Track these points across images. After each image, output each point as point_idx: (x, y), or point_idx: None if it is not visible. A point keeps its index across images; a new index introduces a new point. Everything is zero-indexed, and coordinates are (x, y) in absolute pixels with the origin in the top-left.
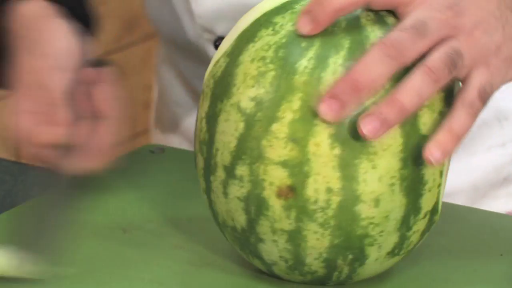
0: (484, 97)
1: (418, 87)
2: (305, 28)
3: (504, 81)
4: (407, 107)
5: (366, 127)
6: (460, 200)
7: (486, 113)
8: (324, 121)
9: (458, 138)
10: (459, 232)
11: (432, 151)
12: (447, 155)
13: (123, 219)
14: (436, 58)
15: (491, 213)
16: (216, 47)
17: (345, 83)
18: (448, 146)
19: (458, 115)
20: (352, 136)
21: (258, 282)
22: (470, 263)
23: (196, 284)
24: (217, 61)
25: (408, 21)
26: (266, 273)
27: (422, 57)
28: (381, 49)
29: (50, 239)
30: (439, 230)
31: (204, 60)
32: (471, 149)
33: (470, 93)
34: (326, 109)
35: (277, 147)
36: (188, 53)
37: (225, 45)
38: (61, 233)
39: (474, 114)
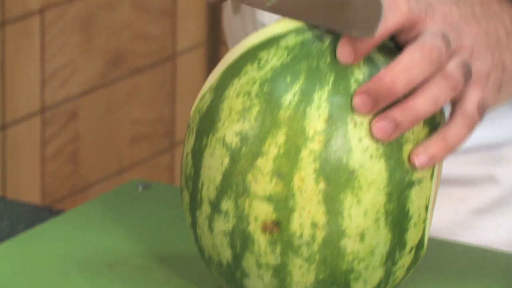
0: (482, 112)
1: (436, 94)
2: (345, 58)
3: (491, 107)
4: (422, 113)
5: (378, 130)
6: None
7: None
8: (309, 155)
9: (450, 148)
10: (445, 267)
11: (418, 153)
12: (434, 162)
13: (109, 255)
14: (454, 67)
15: (478, 248)
16: None
17: (382, 82)
18: (437, 153)
19: (456, 125)
20: (337, 171)
21: None
22: None
23: None
24: (203, 96)
25: (433, 31)
26: None
27: None
28: (422, 50)
29: None
30: (425, 265)
31: None
32: None
33: (470, 105)
34: (359, 104)
35: (262, 181)
36: None
37: (210, 80)
38: None
39: (471, 127)
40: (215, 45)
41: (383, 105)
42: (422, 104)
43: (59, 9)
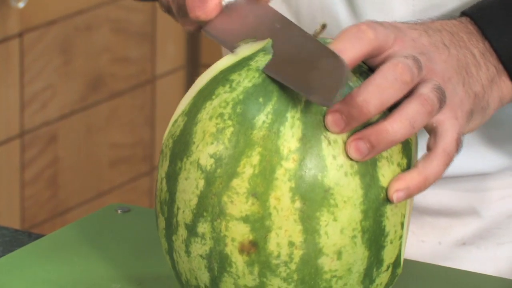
0: (460, 146)
1: (413, 118)
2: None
3: (464, 134)
4: (398, 137)
5: (353, 150)
6: None
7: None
8: (284, 175)
9: (428, 184)
10: None
11: (398, 189)
12: (410, 196)
13: (88, 278)
14: (429, 91)
15: (459, 271)
16: None
17: (355, 101)
18: (416, 189)
19: (437, 163)
20: (313, 189)
21: None
22: None
23: None
24: (175, 121)
25: (404, 54)
26: None
27: None
28: (394, 71)
29: None
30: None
31: None
32: (500, 240)
33: (450, 143)
34: (331, 122)
35: (238, 202)
36: None
37: (182, 105)
38: None
39: (450, 162)
40: (194, 69)
41: (354, 125)
42: (399, 128)
43: (38, 32)
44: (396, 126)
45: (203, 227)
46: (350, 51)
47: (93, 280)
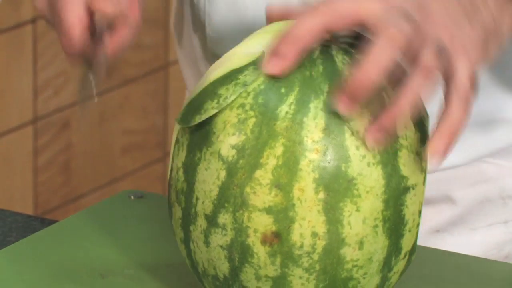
0: (475, 86)
1: (417, 90)
2: (275, 68)
3: (483, 65)
4: (409, 112)
5: (371, 141)
6: None
7: (489, 190)
8: (308, 165)
9: (458, 134)
10: (438, 276)
11: (437, 147)
12: (449, 151)
13: (101, 264)
14: (429, 57)
15: (470, 257)
16: None
17: (355, 77)
18: (450, 144)
19: (456, 110)
20: (336, 180)
21: None
22: None
23: None
24: None
25: (398, 15)
26: None
27: None
28: (386, 38)
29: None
30: (418, 274)
31: None
32: (472, 224)
33: (463, 85)
34: (341, 105)
35: (261, 193)
36: (197, 72)
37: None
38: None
39: (469, 106)
40: None
41: (361, 97)
42: (409, 106)
43: None
44: (405, 106)
45: (224, 218)
46: (301, 28)
47: (106, 266)
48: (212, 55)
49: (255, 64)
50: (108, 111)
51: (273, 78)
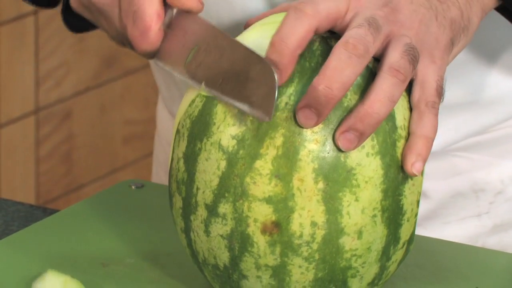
0: (441, 94)
1: (389, 92)
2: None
3: (450, 62)
4: (382, 116)
5: (343, 142)
6: None
7: (461, 183)
8: (307, 156)
9: (432, 141)
10: (435, 265)
11: (414, 162)
12: (425, 161)
13: (102, 253)
14: (398, 57)
15: (467, 246)
16: None
17: (318, 90)
18: (424, 152)
19: (428, 119)
20: (335, 170)
21: None
22: None
23: None
24: (193, 101)
25: (358, 20)
26: None
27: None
28: (346, 49)
29: None
30: (415, 263)
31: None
32: (445, 219)
33: (431, 94)
34: (303, 119)
35: (261, 183)
36: (173, 86)
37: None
38: None
39: (437, 113)
40: None
41: (326, 113)
42: (379, 107)
43: (53, 10)
44: (376, 107)
45: (224, 208)
46: (292, 36)
47: (107, 255)
48: None
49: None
50: (109, 101)
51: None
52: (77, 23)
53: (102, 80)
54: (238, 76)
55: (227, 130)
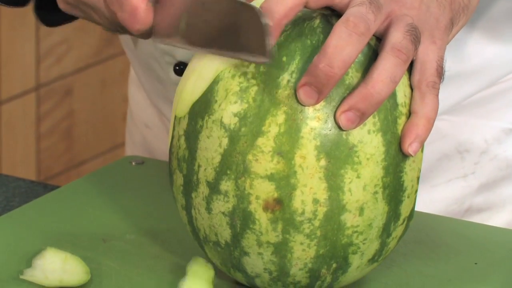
0: (441, 74)
1: (392, 72)
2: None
3: (449, 42)
4: (384, 96)
5: (344, 121)
6: None
7: (446, 146)
8: (309, 133)
9: (432, 122)
10: (434, 241)
11: (412, 143)
12: (423, 142)
13: (103, 229)
14: (400, 37)
15: (466, 222)
16: (176, 71)
17: (318, 69)
18: (424, 133)
19: (429, 99)
20: (337, 147)
21: None
22: (445, 272)
23: None
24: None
25: (357, 2)
26: (245, 285)
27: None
28: (347, 27)
29: None
30: (414, 239)
31: (167, 82)
32: (432, 182)
33: (431, 75)
34: (304, 97)
35: (263, 161)
36: (152, 74)
37: (196, 63)
38: None
39: (438, 93)
40: None
41: (327, 91)
42: (382, 87)
43: None
44: (378, 87)
45: (226, 185)
46: (281, 5)
47: (107, 231)
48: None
49: None
50: (110, 78)
51: (275, 47)
52: (50, 17)
53: (102, 57)
54: (229, 28)
55: (229, 108)
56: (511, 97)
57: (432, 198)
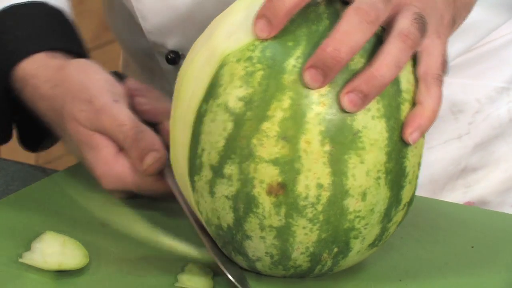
0: (445, 68)
1: (396, 57)
2: (263, 33)
3: (451, 34)
4: (387, 80)
5: (347, 102)
6: (419, 194)
7: (441, 108)
8: (314, 118)
9: (436, 113)
10: (431, 225)
11: (412, 132)
12: (424, 133)
13: (102, 213)
14: (408, 24)
15: (463, 206)
16: (168, 60)
17: (326, 52)
18: (426, 124)
19: (435, 91)
20: (342, 132)
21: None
22: (442, 256)
23: (173, 277)
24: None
25: None
26: (246, 268)
27: None
28: (357, 14)
29: None
30: (412, 223)
31: (158, 71)
32: (428, 144)
33: (436, 67)
34: (309, 79)
35: (268, 145)
36: (144, 63)
37: (199, 47)
38: None
39: (442, 85)
40: None
41: (332, 75)
42: (386, 71)
43: None
44: (383, 70)
45: (230, 169)
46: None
47: (106, 215)
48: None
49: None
50: (108, 63)
51: (280, 32)
52: (34, 144)
53: (101, 42)
54: None
55: (234, 92)
56: (501, 56)
57: (428, 160)
